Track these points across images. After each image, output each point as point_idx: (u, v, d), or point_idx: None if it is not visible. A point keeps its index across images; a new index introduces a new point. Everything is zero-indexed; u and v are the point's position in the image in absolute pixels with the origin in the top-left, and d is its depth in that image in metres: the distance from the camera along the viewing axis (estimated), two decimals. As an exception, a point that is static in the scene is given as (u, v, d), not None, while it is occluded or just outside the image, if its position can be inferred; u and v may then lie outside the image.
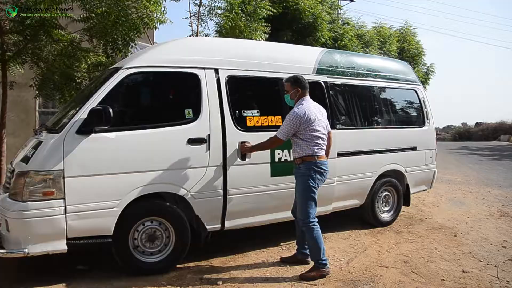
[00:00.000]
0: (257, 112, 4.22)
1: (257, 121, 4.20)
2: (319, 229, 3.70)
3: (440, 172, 9.01)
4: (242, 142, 3.96)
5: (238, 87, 4.23)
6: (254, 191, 4.14)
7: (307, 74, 4.61)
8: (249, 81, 4.33)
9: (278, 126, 3.84)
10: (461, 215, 6.23)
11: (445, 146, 22.47)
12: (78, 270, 3.73)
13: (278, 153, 4.23)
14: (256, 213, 4.21)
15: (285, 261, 4.00)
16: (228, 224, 4.07)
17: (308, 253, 3.86)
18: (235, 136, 3.98)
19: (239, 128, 4.01)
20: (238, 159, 4.00)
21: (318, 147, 3.69)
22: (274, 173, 4.23)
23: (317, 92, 4.61)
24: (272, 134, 3.81)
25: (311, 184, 3.66)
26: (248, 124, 4.12)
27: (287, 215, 4.20)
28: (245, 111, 4.14)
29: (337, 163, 4.62)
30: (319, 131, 3.71)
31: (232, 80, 4.10)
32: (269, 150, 4.13)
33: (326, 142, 3.82)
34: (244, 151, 3.93)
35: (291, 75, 3.92)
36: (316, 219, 3.74)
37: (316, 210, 3.75)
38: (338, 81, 4.96)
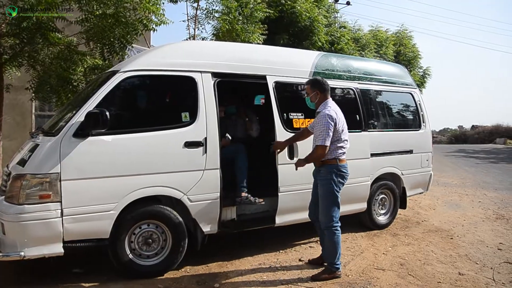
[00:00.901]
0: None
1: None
2: (340, 234, 3.75)
3: (436, 175, 9.04)
4: (272, 144, 4.08)
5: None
6: (301, 188, 4.28)
7: (303, 78, 4.65)
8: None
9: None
10: (457, 218, 6.25)
11: (441, 149, 22.55)
12: (75, 274, 3.72)
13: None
14: (303, 209, 4.22)
15: (313, 263, 4.01)
16: (278, 220, 4.31)
17: None
18: None
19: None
20: (287, 158, 4.18)
21: (341, 151, 3.72)
22: None
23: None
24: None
25: (334, 188, 3.68)
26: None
27: None
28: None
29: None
30: (345, 134, 3.76)
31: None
32: (310, 149, 4.04)
33: (349, 146, 3.83)
34: (298, 166, 3.86)
35: (310, 78, 4.02)
36: (339, 223, 3.76)
37: (339, 213, 3.77)
38: (334, 84, 4.98)
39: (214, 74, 4.04)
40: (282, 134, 4.29)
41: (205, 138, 3.84)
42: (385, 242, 4.89)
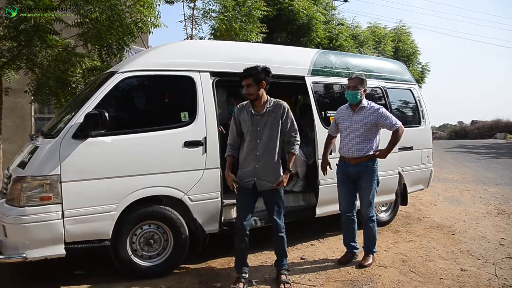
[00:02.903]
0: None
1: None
2: None
3: (437, 171, 9.03)
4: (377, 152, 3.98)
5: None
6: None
7: (302, 75, 4.65)
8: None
9: None
10: (458, 214, 6.25)
11: (441, 145, 22.56)
12: (77, 275, 3.72)
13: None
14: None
15: (343, 262, 4.03)
16: (319, 211, 4.63)
17: (357, 246, 4.11)
18: None
19: None
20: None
21: None
22: None
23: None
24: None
25: (378, 180, 3.98)
26: None
27: None
28: None
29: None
30: None
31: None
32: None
33: None
34: (382, 157, 3.93)
35: (359, 74, 4.09)
36: None
37: None
38: (333, 82, 4.98)
39: (213, 73, 4.04)
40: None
41: (205, 138, 3.84)
42: (386, 239, 4.89)
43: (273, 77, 4.08)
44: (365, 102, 3.95)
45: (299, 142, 3.55)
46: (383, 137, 4.06)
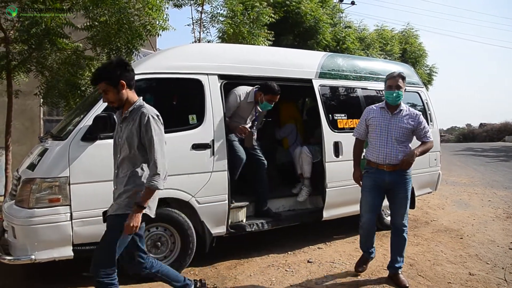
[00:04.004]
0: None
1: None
2: None
3: (445, 174, 8.98)
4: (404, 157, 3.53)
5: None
6: (345, 184, 4.50)
7: (310, 78, 4.65)
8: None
9: None
10: (467, 217, 6.20)
11: (449, 148, 22.39)
12: (84, 277, 3.74)
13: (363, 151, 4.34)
14: (347, 204, 4.63)
15: (361, 266, 3.86)
16: (326, 214, 4.60)
17: (374, 250, 3.94)
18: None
19: None
20: (333, 155, 4.46)
21: None
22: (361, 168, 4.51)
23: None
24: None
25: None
26: None
27: None
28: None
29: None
30: None
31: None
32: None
33: None
34: (408, 162, 3.48)
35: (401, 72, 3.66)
36: None
37: None
38: (340, 84, 4.98)
39: (221, 76, 4.05)
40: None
41: (213, 140, 3.85)
42: (394, 242, 4.86)
43: (281, 80, 4.09)
44: (402, 104, 3.63)
45: (161, 175, 2.54)
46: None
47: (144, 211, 2.53)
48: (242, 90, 4.43)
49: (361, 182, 3.74)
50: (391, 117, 3.55)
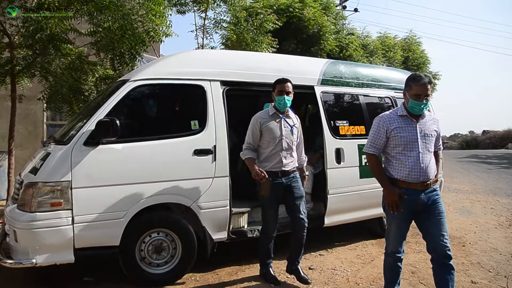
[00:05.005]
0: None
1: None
2: None
3: (447, 181, 8.95)
4: None
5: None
6: (347, 191, 4.61)
7: (312, 85, 4.67)
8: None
9: None
10: (469, 225, 6.17)
11: (452, 155, 22.30)
12: (85, 282, 3.75)
13: (364, 158, 4.40)
14: (348, 210, 4.65)
15: None
16: (327, 221, 4.58)
17: None
18: None
19: None
20: (335, 162, 4.47)
21: None
22: (362, 175, 4.71)
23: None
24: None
25: None
26: None
27: (372, 213, 4.85)
28: None
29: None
30: None
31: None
32: (357, 156, 4.61)
33: None
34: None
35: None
36: None
37: None
38: (343, 91, 4.99)
39: (223, 83, 4.07)
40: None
41: (214, 146, 3.86)
42: (396, 249, 4.84)
43: None
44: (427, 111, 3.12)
45: None
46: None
47: None
48: (258, 113, 3.84)
49: (398, 210, 2.96)
50: (417, 125, 2.99)
